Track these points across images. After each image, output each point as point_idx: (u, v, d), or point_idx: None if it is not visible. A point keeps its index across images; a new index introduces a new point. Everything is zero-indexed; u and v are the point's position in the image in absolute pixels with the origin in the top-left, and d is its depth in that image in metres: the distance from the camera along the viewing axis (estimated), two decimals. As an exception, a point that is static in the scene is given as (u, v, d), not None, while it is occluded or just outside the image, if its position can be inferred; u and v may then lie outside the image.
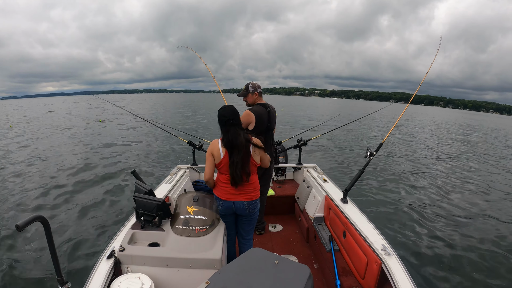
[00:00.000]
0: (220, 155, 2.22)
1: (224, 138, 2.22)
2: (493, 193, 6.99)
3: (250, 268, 1.45)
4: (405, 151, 12.11)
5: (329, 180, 3.52)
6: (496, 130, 29.87)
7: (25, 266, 3.73)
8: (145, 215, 2.17)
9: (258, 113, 2.95)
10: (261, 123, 2.96)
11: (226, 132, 2.22)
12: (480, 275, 3.69)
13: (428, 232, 4.71)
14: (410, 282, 1.78)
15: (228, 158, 2.22)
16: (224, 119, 2.22)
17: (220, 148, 2.23)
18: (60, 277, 1.53)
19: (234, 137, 2.19)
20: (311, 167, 4.13)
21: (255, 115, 2.92)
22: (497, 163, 11.06)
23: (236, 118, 2.24)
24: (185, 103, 57.28)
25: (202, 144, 4.14)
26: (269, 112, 3.04)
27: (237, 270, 1.44)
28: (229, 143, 2.20)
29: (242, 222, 2.50)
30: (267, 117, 3.01)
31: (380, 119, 26.90)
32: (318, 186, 3.35)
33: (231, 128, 2.21)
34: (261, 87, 3.10)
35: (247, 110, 2.96)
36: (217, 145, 2.24)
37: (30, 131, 16.14)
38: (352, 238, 2.41)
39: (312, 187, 3.48)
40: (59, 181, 7.19)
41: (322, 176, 3.66)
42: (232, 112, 2.24)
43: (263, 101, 3.10)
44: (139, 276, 1.81)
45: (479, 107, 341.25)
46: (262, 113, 2.98)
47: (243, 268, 1.45)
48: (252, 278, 1.39)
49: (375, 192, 6.55)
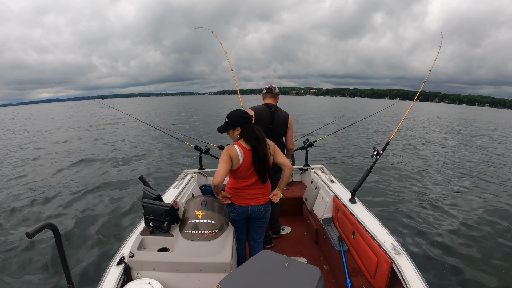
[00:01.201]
0: (240, 160, 2.21)
1: (252, 135, 2.22)
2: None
3: (260, 271, 1.44)
4: (411, 148, 12.02)
5: (337, 181, 3.50)
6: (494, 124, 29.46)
7: (35, 274, 3.77)
8: (153, 221, 2.17)
9: (258, 110, 2.96)
10: (261, 122, 2.88)
11: (251, 129, 2.24)
12: (493, 273, 3.62)
13: (438, 230, 4.65)
14: (421, 281, 1.76)
15: (251, 161, 2.22)
16: (247, 116, 2.26)
17: (239, 153, 2.20)
18: (70, 284, 1.54)
19: (258, 132, 2.24)
20: (318, 168, 4.11)
21: (255, 112, 2.93)
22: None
23: (251, 118, 2.31)
24: (185, 105, 57.30)
25: (209, 148, 4.15)
26: (273, 113, 2.98)
27: (247, 273, 1.43)
28: (256, 139, 2.21)
29: (254, 225, 2.50)
30: (268, 117, 2.97)
31: (379, 119, 26.64)
32: (326, 187, 3.34)
33: (253, 125, 2.28)
34: (272, 88, 3.09)
35: (249, 108, 2.99)
36: (235, 150, 2.21)
37: (32, 137, 16.36)
38: (361, 238, 2.39)
39: (320, 188, 3.46)
40: (67, 188, 7.26)
41: (330, 177, 3.64)
42: (248, 113, 2.32)
43: (271, 101, 3.08)
44: (149, 282, 1.82)
45: (474, 101, 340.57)
46: (262, 111, 2.97)
47: (253, 271, 1.45)
48: (263, 280, 1.38)
49: (383, 191, 6.50)
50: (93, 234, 4.76)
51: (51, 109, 59.28)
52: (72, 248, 4.33)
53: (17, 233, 4.87)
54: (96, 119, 28.61)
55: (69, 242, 4.49)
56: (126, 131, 18.73)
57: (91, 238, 4.64)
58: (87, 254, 4.17)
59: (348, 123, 6.41)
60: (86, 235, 4.73)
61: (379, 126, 20.69)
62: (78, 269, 3.79)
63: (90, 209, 5.88)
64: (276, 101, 3.13)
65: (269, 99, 3.08)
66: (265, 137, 2.29)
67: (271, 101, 3.08)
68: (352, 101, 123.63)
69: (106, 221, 5.25)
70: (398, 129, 3.49)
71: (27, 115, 42.55)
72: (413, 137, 15.09)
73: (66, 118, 30.54)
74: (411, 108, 3.84)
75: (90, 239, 4.61)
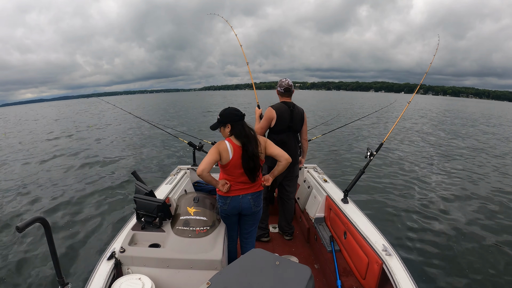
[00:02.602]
0: (229, 156, 2.22)
1: (242, 134, 2.24)
2: (502, 192, 6.95)
3: (250, 269, 1.45)
4: (405, 149, 12.11)
5: (330, 181, 3.52)
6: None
7: (25, 268, 3.73)
8: (145, 216, 2.17)
9: (280, 110, 2.98)
10: (282, 121, 2.97)
11: (243, 128, 2.25)
12: (482, 275, 3.67)
13: (429, 232, 4.70)
14: (411, 282, 1.78)
15: (240, 158, 2.23)
16: (240, 113, 2.28)
17: (229, 149, 2.22)
18: (60, 278, 1.53)
19: (248, 130, 2.26)
20: (311, 168, 4.12)
21: (276, 112, 2.96)
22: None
23: (243, 116, 2.32)
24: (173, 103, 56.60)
25: (203, 145, 4.14)
26: (292, 111, 3.03)
27: (237, 271, 1.44)
28: (246, 137, 2.23)
29: (245, 222, 2.51)
30: (289, 116, 3.01)
31: (373, 115, 26.62)
32: (319, 187, 3.35)
33: (244, 123, 2.29)
34: (288, 86, 3.07)
35: (269, 106, 3.01)
36: (226, 145, 2.23)
37: (23, 137, 16.16)
38: (352, 238, 2.40)
39: (313, 187, 3.47)
40: (59, 182, 7.21)
41: (323, 177, 3.65)
42: (240, 110, 2.33)
43: (289, 100, 3.10)
44: (139, 277, 1.81)
45: (458, 92, 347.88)
46: (284, 110, 2.99)
47: (243, 268, 1.45)
48: (253, 278, 1.39)
49: (376, 192, 6.54)
50: (84, 228, 4.73)
51: (39, 110, 57.67)
52: (63, 242, 4.29)
53: (7, 227, 4.82)
54: (88, 118, 28.24)
55: (59, 236, 4.45)
56: (118, 126, 18.60)
57: (82, 232, 4.61)
58: (78, 249, 4.14)
59: (343, 122, 6.43)
60: (77, 229, 4.69)
61: (372, 124, 20.74)
62: (68, 264, 3.76)
63: (81, 203, 5.83)
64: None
65: (287, 98, 3.10)
66: (256, 136, 2.30)
67: (288, 99, 3.11)
68: (338, 94, 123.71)
69: (97, 216, 5.21)
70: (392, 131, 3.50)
71: (14, 116, 40.98)
72: (406, 131, 15.18)
73: (62, 118, 30.03)
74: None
75: (81, 233, 4.58)
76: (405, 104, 3.58)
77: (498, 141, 14.42)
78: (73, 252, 4.04)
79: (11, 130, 20.62)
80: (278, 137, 3.01)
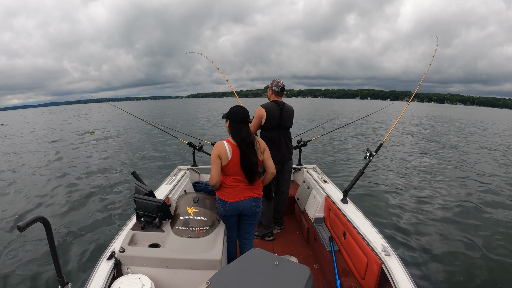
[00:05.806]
0: (228, 156, 2.23)
1: (238, 136, 2.24)
2: (499, 192, 6.95)
3: (250, 269, 1.45)
4: (402, 150, 12.12)
5: (329, 181, 3.52)
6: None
7: (26, 267, 3.74)
8: (145, 216, 2.17)
9: (269, 108, 3.10)
10: (272, 119, 3.10)
11: (240, 130, 2.24)
12: (480, 275, 3.68)
13: (428, 232, 4.70)
14: (410, 282, 1.78)
15: (239, 157, 2.23)
16: (242, 116, 2.26)
17: (227, 149, 2.23)
18: (60, 278, 1.53)
19: (247, 135, 2.25)
20: (311, 168, 4.12)
21: (266, 111, 3.08)
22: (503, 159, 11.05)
23: (249, 118, 2.31)
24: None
25: (203, 145, 4.14)
26: (282, 109, 3.15)
27: (237, 271, 1.44)
28: (243, 141, 2.23)
29: (245, 222, 2.50)
30: (278, 113, 3.13)
31: (370, 119, 26.59)
32: (318, 187, 3.35)
33: (245, 127, 2.26)
34: (283, 85, 3.20)
35: (260, 106, 3.11)
36: (224, 146, 2.23)
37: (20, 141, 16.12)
38: (352, 238, 2.41)
39: (312, 187, 3.48)
40: (60, 182, 7.21)
41: (322, 177, 3.66)
42: (247, 112, 2.31)
43: (279, 98, 3.23)
44: (139, 277, 1.81)
45: (443, 99, 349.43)
46: (273, 109, 3.12)
47: (243, 268, 1.45)
48: (252, 278, 1.39)
49: (375, 192, 6.55)
50: (84, 228, 4.73)
51: (29, 116, 56.62)
52: (63, 242, 4.30)
53: (8, 226, 4.82)
54: (87, 123, 28.05)
55: (60, 236, 4.46)
56: (118, 130, 18.58)
57: (82, 232, 4.61)
58: (78, 248, 4.14)
59: (342, 123, 6.44)
60: (77, 229, 4.70)
61: (369, 127, 20.79)
62: (68, 263, 3.77)
63: (81, 203, 5.84)
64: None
65: (277, 97, 3.22)
66: (254, 140, 2.29)
67: (279, 98, 3.23)
68: (324, 102, 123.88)
69: (97, 216, 5.22)
70: (390, 132, 3.52)
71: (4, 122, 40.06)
72: (404, 137, 15.24)
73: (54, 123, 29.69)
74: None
75: (81, 233, 4.58)
76: (396, 110, 3.60)
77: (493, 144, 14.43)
78: (73, 252, 4.05)
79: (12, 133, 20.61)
80: (270, 135, 3.13)
